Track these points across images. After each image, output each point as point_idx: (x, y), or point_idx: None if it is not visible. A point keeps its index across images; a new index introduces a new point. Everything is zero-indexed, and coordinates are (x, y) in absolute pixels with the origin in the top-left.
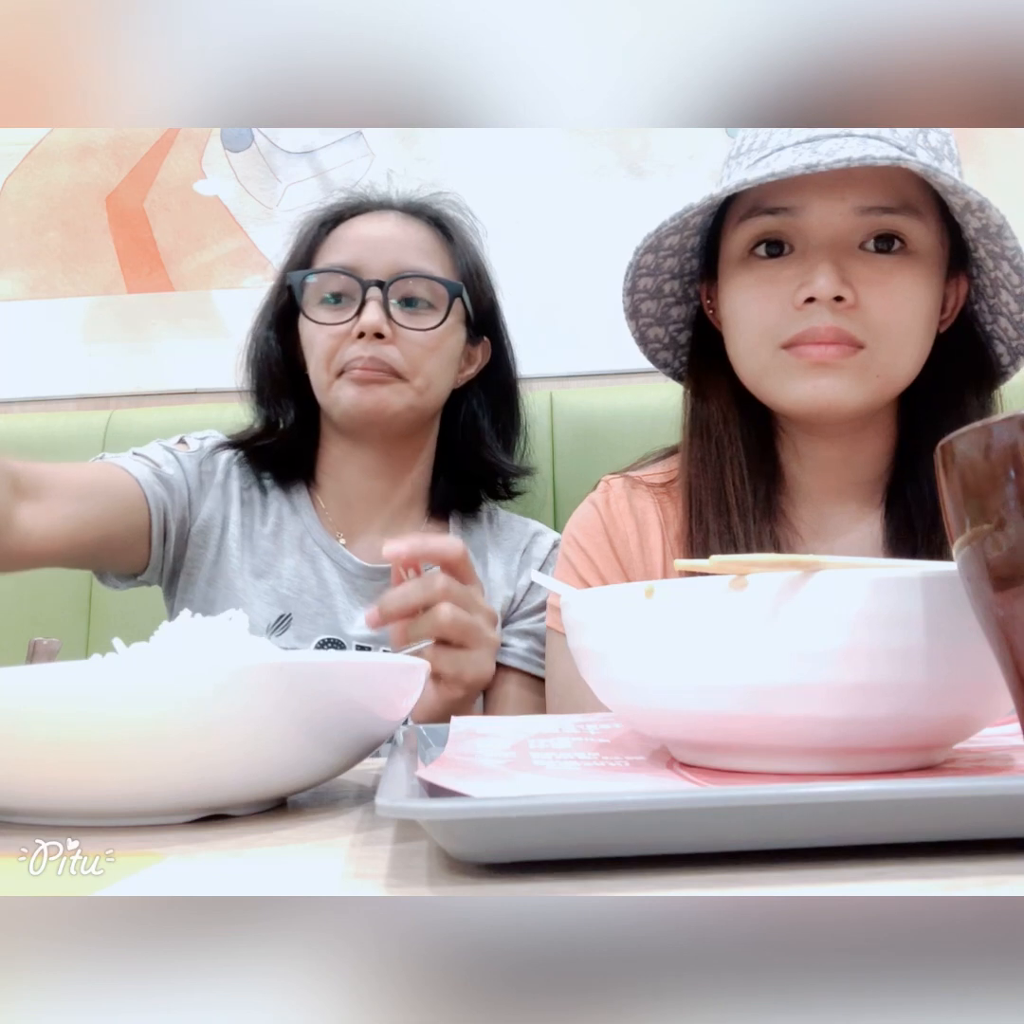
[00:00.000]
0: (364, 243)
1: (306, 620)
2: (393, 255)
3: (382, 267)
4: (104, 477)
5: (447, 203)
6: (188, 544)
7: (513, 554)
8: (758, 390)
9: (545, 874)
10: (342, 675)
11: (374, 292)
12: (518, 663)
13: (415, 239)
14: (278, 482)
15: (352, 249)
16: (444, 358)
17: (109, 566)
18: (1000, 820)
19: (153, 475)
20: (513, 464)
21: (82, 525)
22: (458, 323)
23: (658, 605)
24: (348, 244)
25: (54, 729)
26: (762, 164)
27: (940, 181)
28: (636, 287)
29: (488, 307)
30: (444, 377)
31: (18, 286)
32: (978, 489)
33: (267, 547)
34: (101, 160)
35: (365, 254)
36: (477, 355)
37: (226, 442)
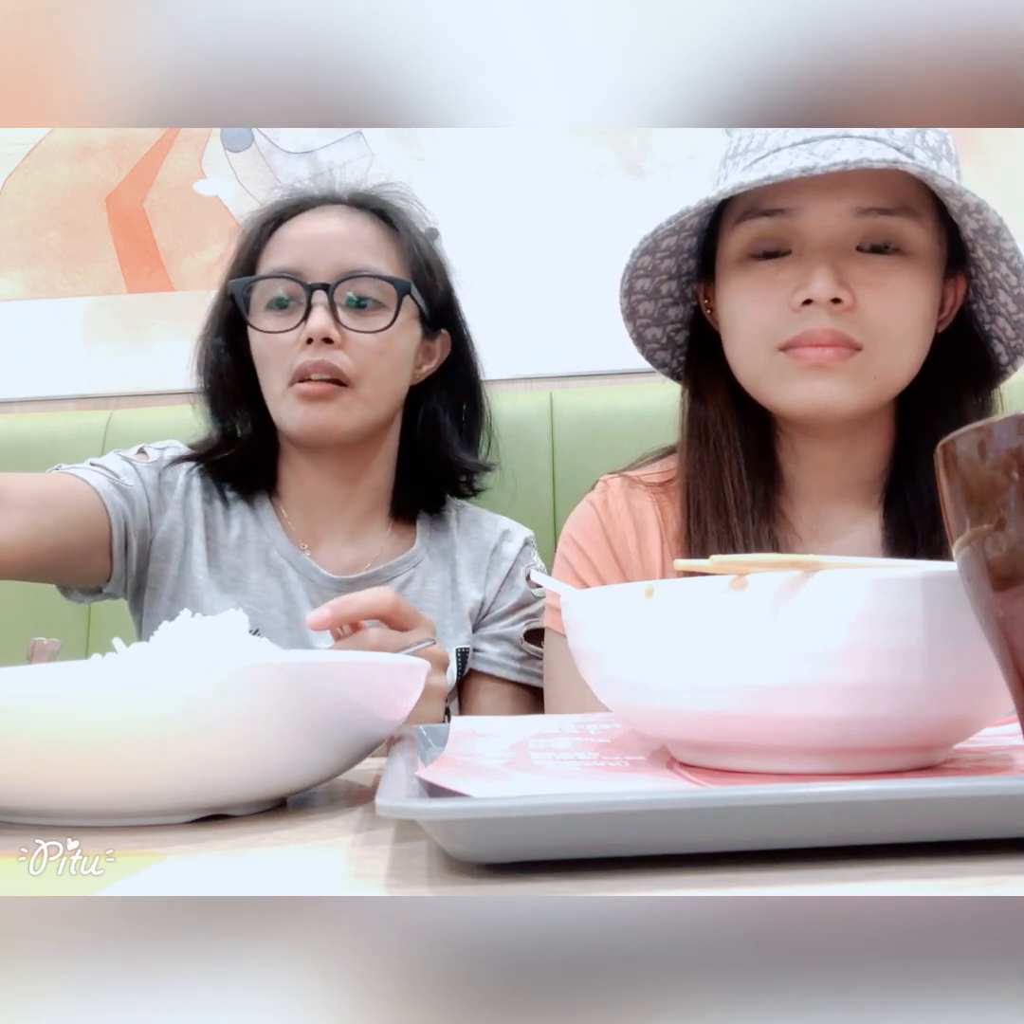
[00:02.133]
0: (307, 244)
1: (274, 635)
2: (337, 255)
3: (326, 268)
4: (60, 487)
5: (394, 194)
6: (150, 558)
7: (483, 554)
8: (756, 392)
9: (545, 874)
10: (342, 675)
11: (320, 296)
12: (490, 668)
13: (360, 235)
14: (240, 493)
15: (294, 252)
16: (395, 360)
17: (71, 579)
18: (1000, 820)
19: (112, 485)
20: (475, 461)
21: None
22: (411, 320)
23: (658, 605)
24: (290, 246)
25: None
26: (759, 166)
27: (937, 183)
28: (633, 288)
29: (443, 299)
30: (395, 380)
31: (18, 286)
32: (978, 489)
33: (232, 561)
34: (101, 160)
35: (308, 256)
36: (436, 349)
37: (185, 455)
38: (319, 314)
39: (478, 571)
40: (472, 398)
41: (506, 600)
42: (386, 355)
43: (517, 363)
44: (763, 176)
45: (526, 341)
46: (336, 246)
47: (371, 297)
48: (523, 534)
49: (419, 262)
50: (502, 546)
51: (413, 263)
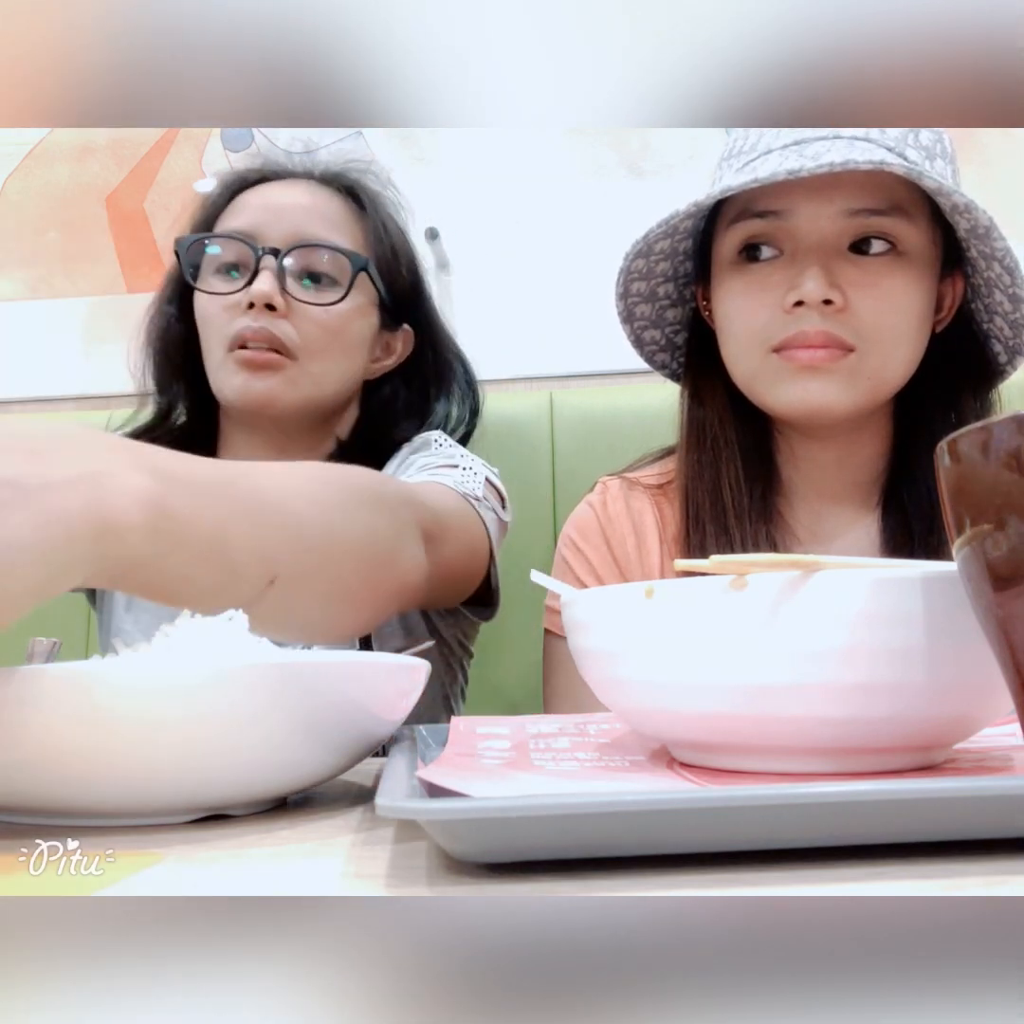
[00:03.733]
0: (264, 209)
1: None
2: (294, 223)
3: (281, 235)
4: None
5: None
6: None
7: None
8: (750, 393)
9: (545, 874)
10: (342, 675)
11: (268, 261)
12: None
13: (323, 208)
14: None
15: (251, 215)
16: (345, 340)
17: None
18: (1000, 820)
19: None
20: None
21: None
22: (368, 305)
23: (658, 605)
24: (248, 210)
25: (54, 729)
26: (748, 169)
27: (925, 184)
28: (629, 291)
29: (407, 291)
30: (346, 362)
31: (18, 286)
32: (978, 489)
33: None
34: (101, 160)
35: (264, 219)
36: (396, 345)
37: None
38: (264, 278)
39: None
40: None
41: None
42: (336, 334)
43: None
44: (750, 179)
45: (526, 341)
46: (294, 214)
47: (326, 273)
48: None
49: (384, 245)
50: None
51: (377, 244)
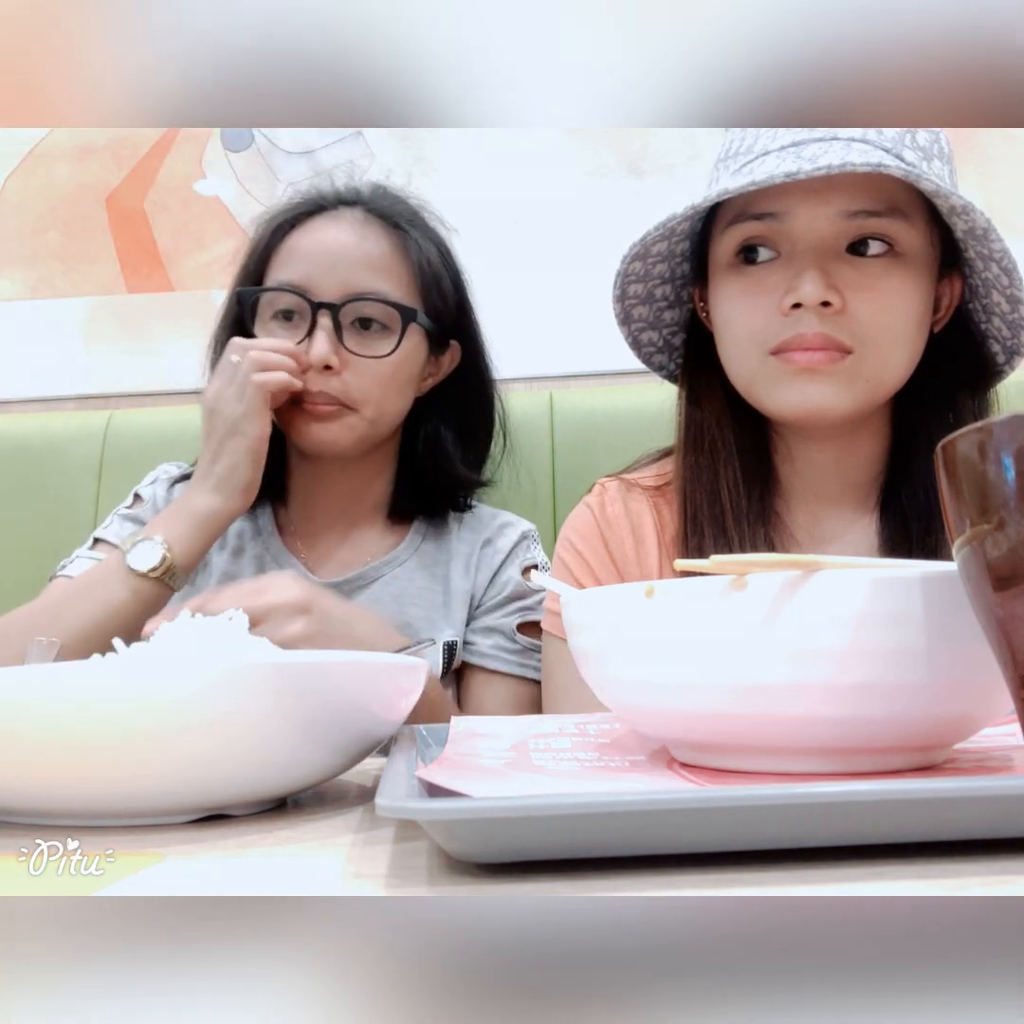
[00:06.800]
0: (315, 259)
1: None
2: (345, 274)
3: (333, 287)
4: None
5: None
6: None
7: (475, 547)
8: (748, 395)
9: (545, 874)
10: (342, 675)
11: (324, 319)
12: (482, 660)
13: (370, 252)
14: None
15: (302, 266)
16: (398, 383)
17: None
18: (1000, 820)
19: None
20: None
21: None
22: (419, 343)
23: (658, 605)
24: (298, 258)
25: (54, 729)
26: (745, 171)
27: (922, 186)
28: (626, 294)
29: (453, 312)
30: (399, 401)
31: (18, 286)
32: (978, 489)
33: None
34: (101, 160)
35: (316, 272)
36: (444, 362)
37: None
38: (321, 340)
39: (469, 564)
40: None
41: (497, 593)
42: (389, 381)
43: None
44: (747, 182)
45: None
46: (344, 265)
47: (376, 319)
48: (521, 528)
49: (429, 281)
50: (496, 539)
51: (423, 283)
